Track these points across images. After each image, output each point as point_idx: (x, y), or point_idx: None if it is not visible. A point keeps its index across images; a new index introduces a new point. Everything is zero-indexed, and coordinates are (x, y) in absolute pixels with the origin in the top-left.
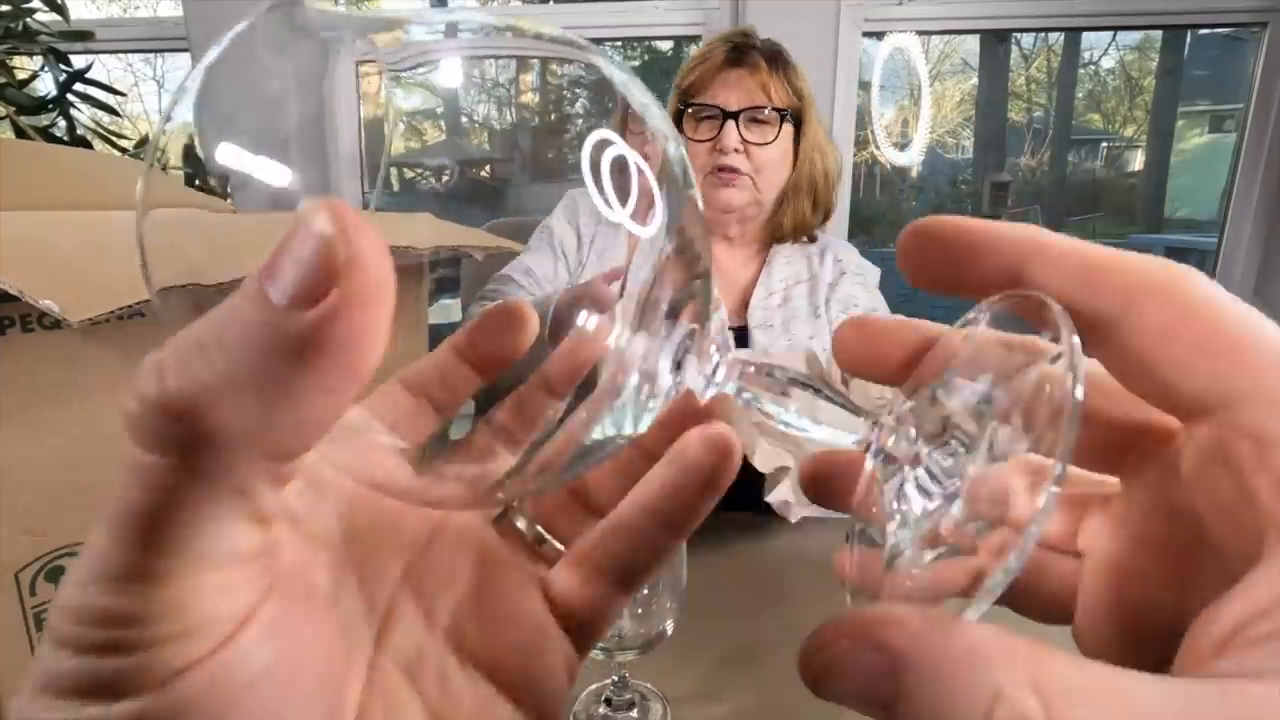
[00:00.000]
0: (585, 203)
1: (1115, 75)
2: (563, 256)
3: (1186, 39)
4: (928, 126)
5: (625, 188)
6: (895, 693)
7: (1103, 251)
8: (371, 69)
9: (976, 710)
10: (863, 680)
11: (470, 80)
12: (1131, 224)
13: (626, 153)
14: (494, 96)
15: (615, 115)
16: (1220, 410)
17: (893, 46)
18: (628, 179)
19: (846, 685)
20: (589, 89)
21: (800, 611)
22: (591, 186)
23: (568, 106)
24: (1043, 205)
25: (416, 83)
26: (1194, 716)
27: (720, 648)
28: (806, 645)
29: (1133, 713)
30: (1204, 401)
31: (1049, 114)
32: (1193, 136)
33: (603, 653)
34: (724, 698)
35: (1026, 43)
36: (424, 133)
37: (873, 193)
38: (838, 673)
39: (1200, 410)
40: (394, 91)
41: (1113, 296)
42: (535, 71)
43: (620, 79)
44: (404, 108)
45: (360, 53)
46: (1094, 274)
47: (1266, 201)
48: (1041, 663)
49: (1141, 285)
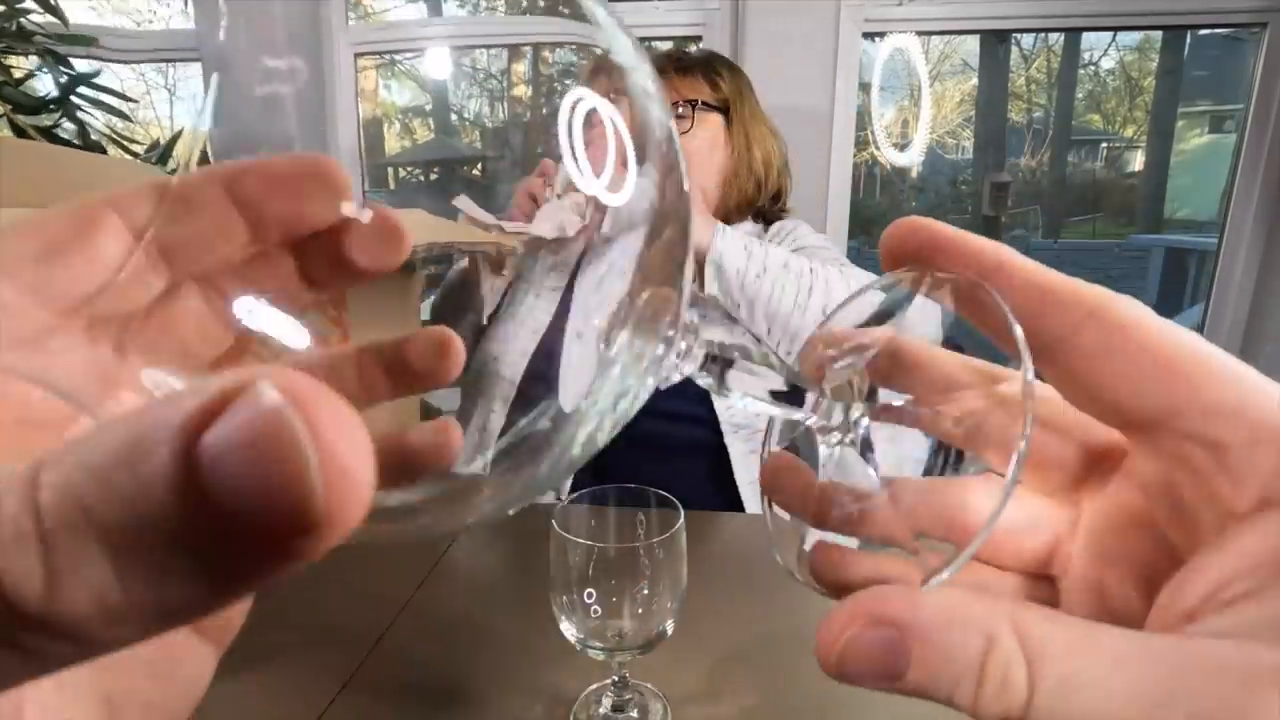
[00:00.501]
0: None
1: (1115, 75)
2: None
3: (1186, 39)
4: (928, 127)
5: (599, 148)
6: (908, 661)
7: (1054, 277)
8: (369, 62)
9: (974, 660)
10: (878, 654)
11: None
12: (1131, 224)
13: (601, 107)
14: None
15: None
16: (1166, 421)
17: (893, 47)
18: (601, 138)
19: (865, 663)
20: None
21: (800, 611)
22: (565, 146)
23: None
24: (1043, 205)
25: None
26: (1155, 659)
27: (720, 648)
28: (822, 636)
29: (1098, 655)
30: (1148, 414)
31: (1049, 114)
32: (1193, 137)
33: (603, 653)
34: (724, 698)
35: (1026, 43)
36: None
37: (873, 193)
38: (855, 654)
39: (1145, 423)
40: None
41: (1059, 320)
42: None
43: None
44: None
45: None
46: (1045, 296)
47: (1266, 201)
48: (1021, 613)
49: (1089, 309)
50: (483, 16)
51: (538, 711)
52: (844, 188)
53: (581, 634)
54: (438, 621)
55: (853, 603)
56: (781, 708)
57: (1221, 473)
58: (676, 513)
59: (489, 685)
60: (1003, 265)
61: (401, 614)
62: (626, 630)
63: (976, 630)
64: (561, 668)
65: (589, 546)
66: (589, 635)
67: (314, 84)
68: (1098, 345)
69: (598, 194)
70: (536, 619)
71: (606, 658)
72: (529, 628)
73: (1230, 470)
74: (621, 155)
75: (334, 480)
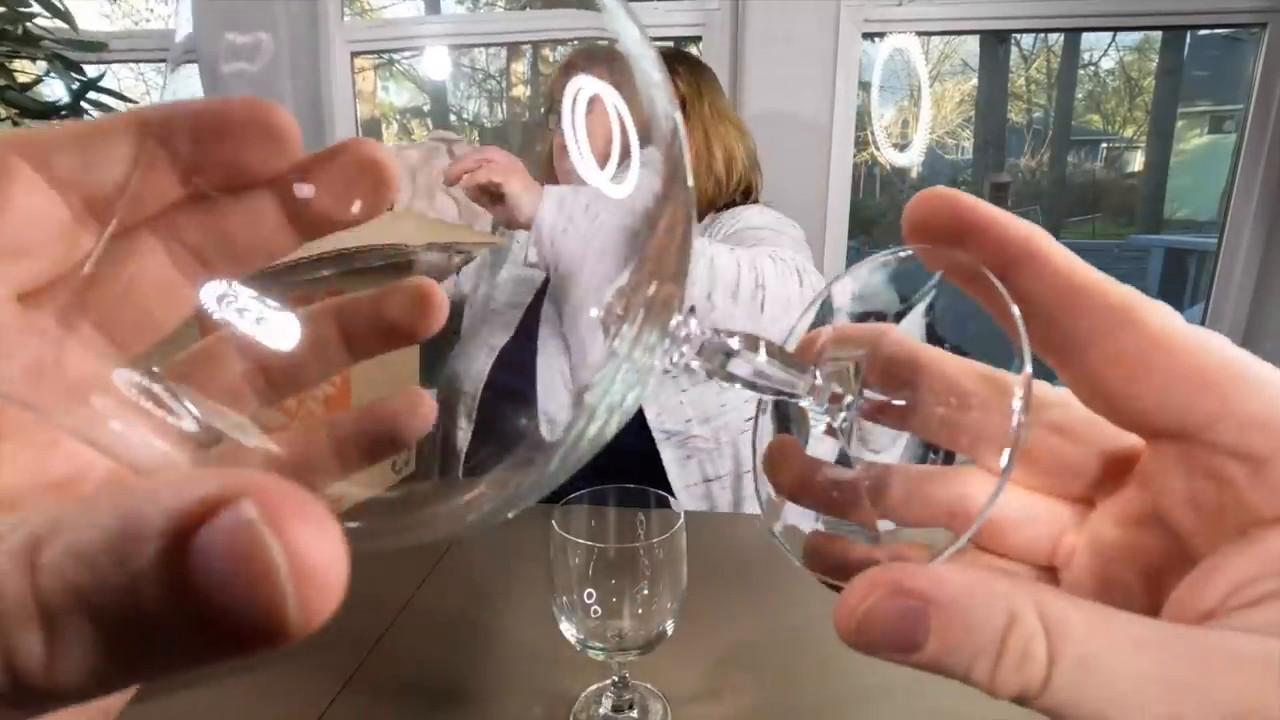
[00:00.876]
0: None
1: (1115, 76)
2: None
3: (1186, 39)
4: (927, 127)
5: (601, 137)
6: (927, 631)
7: (1086, 276)
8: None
9: (996, 634)
10: (898, 624)
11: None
12: (1131, 224)
13: (606, 95)
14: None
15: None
16: (1198, 433)
17: (893, 47)
18: (604, 128)
19: (884, 632)
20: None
21: (800, 612)
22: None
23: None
24: (1043, 206)
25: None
26: (1176, 646)
27: (720, 648)
28: (841, 605)
29: (1119, 638)
30: (1176, 425)
31: (1049, 114)
32: (1193, 137)
33: (603, 653)
34: (724, 698)
35: (1026, 43)
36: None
37: (872, 193)
38: (873, 621)
39: (1173, 433)
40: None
41: (1086, 323)
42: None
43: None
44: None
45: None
46: (1076, 295)
47: (1266, 201)
48: (1042, 593)
49: (1114, 315)
50: (482, 13)
51: (538, 711)
52: (844, 188)
53: (581, 634)
54: (438, 621)
55: (875, 572)
56: (781, 708)
57: (1255, 484)
58: (676, 513)
59: (489, 685)
60: (1035, 255)
61: (401, 614)
62: (626, 630)
63: (1000, 606)
64: (561, 668)
65: (589, 547)
66: (589, 636)
67: (310, 83)
68: (1126, 353)
69: (600, 186)
70: (536, 619)
71: (606, 658)
72: (529, 628)
73: (1266, 481)
74: (625, 146)
75: (304, 582)
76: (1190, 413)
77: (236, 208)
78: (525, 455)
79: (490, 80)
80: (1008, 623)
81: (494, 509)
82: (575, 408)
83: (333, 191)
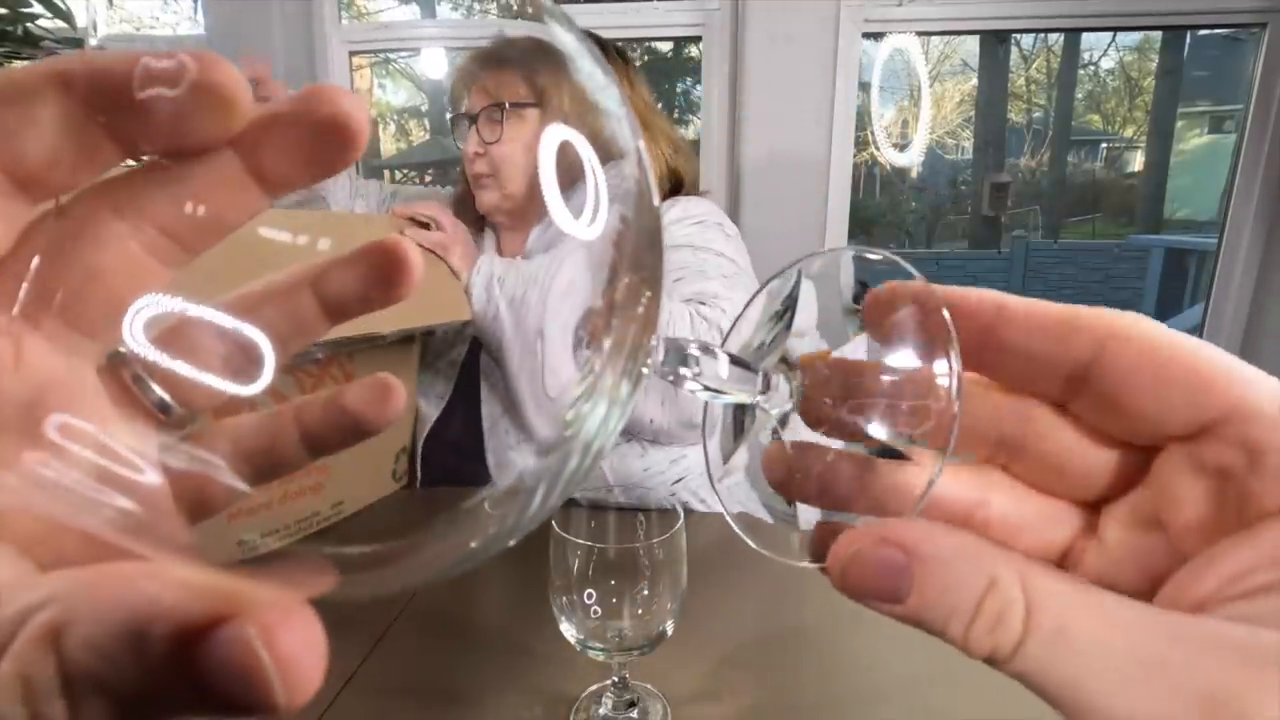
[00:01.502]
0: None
1: (1115, 76)
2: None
3: (1186, 39)
4: (927, 127)
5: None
6: (910, 583)
7: (1058, 308)
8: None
9: (974, 596)
10: (882, 570)
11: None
12: (1131, 224)
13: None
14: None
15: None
16: (1209, 429)
17: (893, 47)
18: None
19: (868, 578)
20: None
21: (800, 612)
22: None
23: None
24: (1042, 206)
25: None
26: (1156, 626)
27: (720, 648)
28: (835, 548)
29: (1099, 614)
30: (1183, 425)
31: (1049, 114)
32: (1192, 137)
33: (603, 653)
34: (724, 698)
35: (1026, 43)
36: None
37: (872, 193)
38: (861, 566)
39: (1181, 434)
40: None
41: (1079, 345)
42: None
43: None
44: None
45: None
46: (1061, 327)
47: (1266, 201)
48: (1029, 567)
49: (1106, 332)
50: (476, 19)
51: (538, 711)
52: (844, 188)
53: (581, 635)
54: (438, 621)
55: (868, 524)
56: (781, 708)
57: (1256, 474)
58: (676, 513)
59: (489, 685)
60: (1001, 309)
61: (401, 614)
62: (626, 631)
63: (982, 570)
64: (561, 668)
65: (589, 547)
66: (589, 636)
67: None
68: (1126, 363)
69: (575, 233)
70: (536, 619)
71: (606, 658)
72: (529, 628)
73: (1266, 473)
74: (595, 193)
75: (288, 676)
76: (1192, 411)
77: (194, 173)
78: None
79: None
80: (987, 586)
81: (493, 539)
82: (552, 450)
83: (296, 145)
